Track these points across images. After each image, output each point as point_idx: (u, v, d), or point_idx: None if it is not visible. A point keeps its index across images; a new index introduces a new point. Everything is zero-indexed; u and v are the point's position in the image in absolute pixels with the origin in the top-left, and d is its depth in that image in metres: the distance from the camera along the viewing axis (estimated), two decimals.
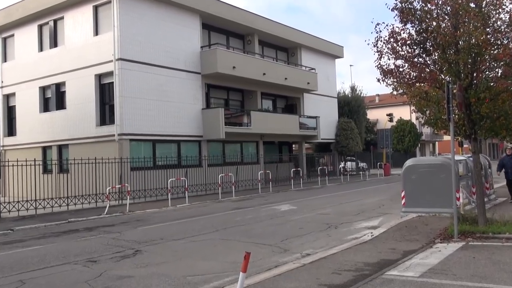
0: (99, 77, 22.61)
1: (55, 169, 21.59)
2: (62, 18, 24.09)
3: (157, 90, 22.83)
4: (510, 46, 9.17)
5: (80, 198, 18.25)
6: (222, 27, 28.11)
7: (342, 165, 37.85)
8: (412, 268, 6.92)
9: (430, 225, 10.68)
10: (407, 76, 10.05)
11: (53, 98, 24.77)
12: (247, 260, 4.59)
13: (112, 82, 21.66)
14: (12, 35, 26.68)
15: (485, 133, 10.19)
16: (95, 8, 22.66)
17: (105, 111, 22.73)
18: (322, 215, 13.94)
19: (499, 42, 9.26)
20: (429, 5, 9.46)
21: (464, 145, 35.84)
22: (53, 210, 16.89)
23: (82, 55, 22.91)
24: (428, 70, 9.83)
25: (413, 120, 52.77)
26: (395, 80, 10.25)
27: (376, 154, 46.35)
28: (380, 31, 9.86)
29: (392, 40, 9.81)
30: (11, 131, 27.05)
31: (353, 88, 43.52)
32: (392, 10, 9.81)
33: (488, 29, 9.28)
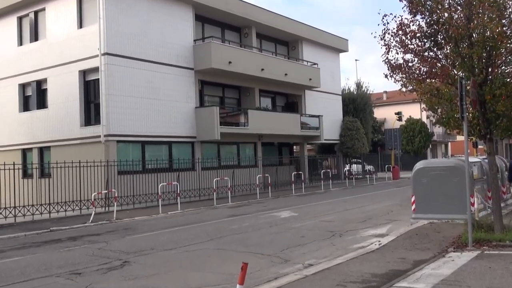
0: (84, 73, 22.57)
1: (36, 173, 21.53)
2: (43, 9, 24.07)
3: (147, 87, 22.82)
4: None
5: (63, 205, 18.21)
6: (217, 19, 28.12)
7: (347, 168, 37.85)
8: (423, 279, 6.92)
9: (443, 233, 10.68)
10: (417, 72, 10.08)
11: (34, 96, 24.72)
12: (244, 272, 4.59)
13: (98, 79, 21.63)
14: None
15: (502, 133, 10.22)
16: None
17: (90, 110, 22.69)
18: (325, 222, 13.94)
19: None
20: None
21: (478, 146, 35.88)
22: (34, 218, 16.83)
23: (65, 49, 22.88)
24: (439, 65, 9.85)
25: (424, 119, 52.81)
26: (404, 75, 10.27)
27: (383, 156, 46.38)
28: (388, 23, 9.89)
29: (400, 32, 9.83)
30: None
31: (358, 85, 43.60)
32: (400, 0, 9.84)
33: (504, 21, 9.31)
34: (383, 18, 9.91)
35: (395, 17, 9.95)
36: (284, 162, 32.11)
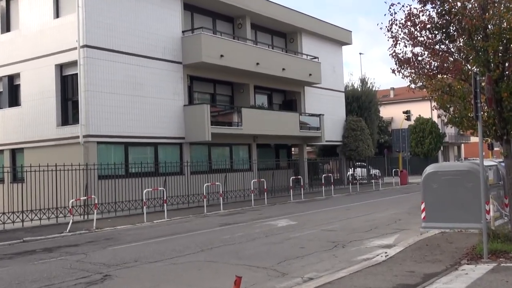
0: (61, 67, 22.52)
1: (7, 177, 21.39)
2: None
3: (130, 83, 22.79)
4: None
5: (38, 212, 18.14)
6: (208, 8, 28.13)
7: (350, 172, 37.90)
8: None
9: (455, 243, 10.71)
10: (427, 66, 10.12)
11: (5, 92, 24.63)
12: (237, 286, 4.59)
13: (76, 74, 21.58)
14: None
15: None
16: None
17: (68, 109, 22.62)
18: (327, 232, 13.96)
19: None
20: None
21: (494, 148, 36.08)
22: (5, 227, 16.75)
23: (40, 41, 22.82)
24: (451, 59, 9.90)
25: (435, 118, 53.04)
26: (413, 71, 10.31)
27: (391, 159, 46.49)
28: (395, 12, 9.93)
29: (409, 23, 9.87)
30: None
31: (363, 81, 43.69)
32: None
33: None
34: (390, 8, 9.96)
35: (403, 6, 9.99)
36: (282, 166, 32.14)
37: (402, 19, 9.91)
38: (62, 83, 22.64)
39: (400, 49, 10.19)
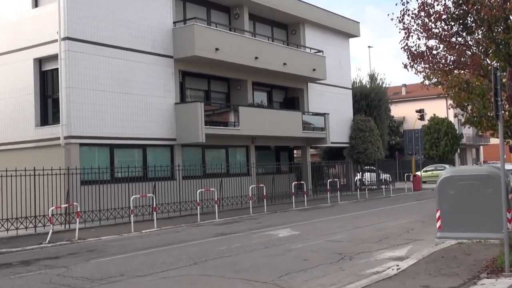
0: (40, 62, 22.52)
1: None
2: None
3: (116, 79, 22.79)
4: None
5: (14, 221, 18.12)
6: None
7: (358, 177, 37.90)
8: None
9: (474, 255, 10.71)
10: (443, 61, 10.15)
11: None
12: None
13: (57, 69, 21.58)
14: None
15: None
16: None
17: (48, 107, 22.61)
18: (332, 243, 13.96)
19: None
20: None
21: None
22: None
23: (17, 33, 22.81)
24: (469, 53, 9.93)
25: (451, 118, 53.09)
26: (427, 65, 10.34)
27: (402, 162, 46.56)
28: (408, 2, 9.96)
29: (423, 14, 9.91)
30: None
31: (372, 77, 43.75)
32: None
33: None
34: None
35: None
36: (283, 170, 32.14)
37: (415, 9, 9.96)
38: (41, 79, 22.62)
39: (413, 42, 10.24)
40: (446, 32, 10.00)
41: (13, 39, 22.94)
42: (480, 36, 9.95)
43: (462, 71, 10.39)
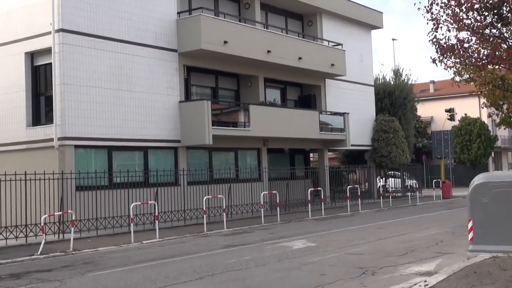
0: (32, 56, 22.66)
1: None
2: None
3: (115, 74, 22.88)
4: None
5: (3, 231, 18.21)
6: None
7: (381, 183, 37.80)
8: None
9: (510, 270, 10.65)
10: (475, 55, 10.12)
11: None
12: None
13: (50, 64, 21.70)
14: None
15: None
16: None
17: (40, 105, 22.75)
18: (353, 256, 13.93)
19: None
20: None
21: None
22: None
23: (7, 25, 22.96)
24: (505, 46, 9.88)
25: (484, 118, 52.83)
26: (457, 60, 10.31)
27: (430, 167, 46.43)
28: None
29: (453, 3, 9.88)
30: None
31: (396, 72, 43.67)
32: None
33: None
34: None
35: None
36: (298, 175, 32.08)
37: None
38: (33, 74, 22.76)
39: (442, 34, 10.24)
40: (479, 23, 9.97)
41: (2, 31, 23.09)
42: None
43: (497, 66, 10.34)
